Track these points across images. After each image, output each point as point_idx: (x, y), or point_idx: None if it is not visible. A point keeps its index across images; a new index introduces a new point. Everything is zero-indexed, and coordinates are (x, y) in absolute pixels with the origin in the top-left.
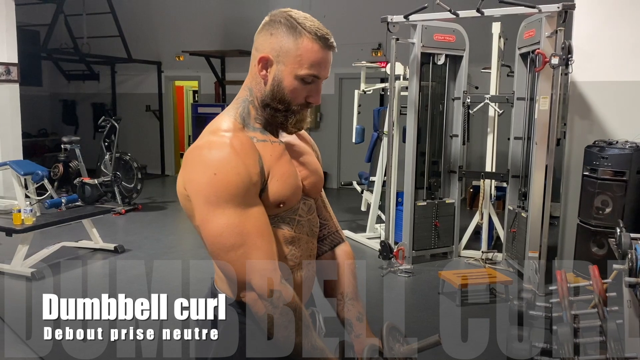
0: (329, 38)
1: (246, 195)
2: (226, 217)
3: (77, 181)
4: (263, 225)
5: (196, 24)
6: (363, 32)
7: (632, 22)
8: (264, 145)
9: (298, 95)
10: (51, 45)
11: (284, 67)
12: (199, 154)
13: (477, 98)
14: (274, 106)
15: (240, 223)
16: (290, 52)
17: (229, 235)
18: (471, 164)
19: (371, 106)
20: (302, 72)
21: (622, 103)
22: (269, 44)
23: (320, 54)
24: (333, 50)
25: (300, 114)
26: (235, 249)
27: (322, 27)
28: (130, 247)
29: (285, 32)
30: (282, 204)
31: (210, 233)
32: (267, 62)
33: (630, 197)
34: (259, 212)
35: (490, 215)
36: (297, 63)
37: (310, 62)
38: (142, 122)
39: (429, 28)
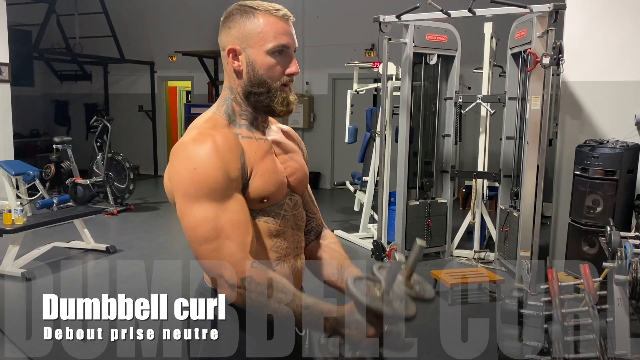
0: (281, 9)
1: (225, 190)
2: (202, 210)
3: (69, 181)
4: (239, 219)
5: (189, 24)
6: (356, 32)
7: (622, 22)
8: (249, 142)
9: (274, 71)
10: (43, 45)
11: (251, 49)
12: (183, 149)
13: (469, 98)
14: (256, 91)
15: (215, 217)
16: (252, 33)
17: (204, 229)
18: (463, 164)
19: (364, 106)
20: (270, 46)
21: (613, 103)
22: (231, 36)
23: (279, 24)
24: (290, 20)
25: (284, 92)
26: (208, 242)
27: (273, 3)
28: (123, 248)
29: (241, 19)
30: (266, 199)
31: (187, 226)
32: (236, 52)
33: (620, 196)
34: (237, 206)
35: (482, 214)
36: (262, 40)
37: (273, 34)
38: (135, 122)
39: (421, 28)
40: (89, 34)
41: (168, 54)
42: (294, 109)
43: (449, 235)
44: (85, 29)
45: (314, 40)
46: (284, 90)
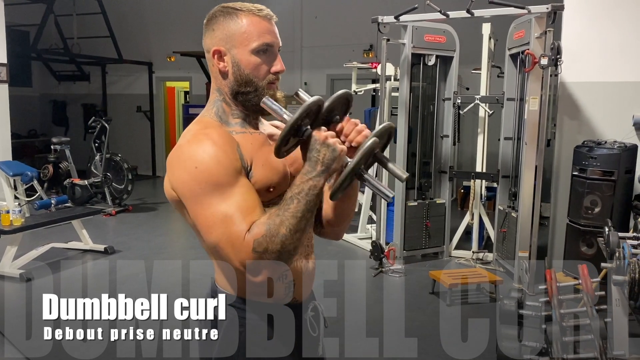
0: (264, 9)
1: (229, 181)
2: (212, 208)
3: (67, 182)
4: (246, 203)
5: (187, 25)
6: (354, 33)
7: (620, 23)
8: (244, 136)
9: (260, 70)
10: (41, 45)
11: (236, 49)
12: (180, 153)
13: (468, 99)
14: (243, 90)
15: (224, 209)
16: (236, 34)
17: (215, 227)
18: (462, 165)
19: (362, 107)
20: (254, 45)
21: (611, 103)
22: (215, 37)
23: (262, 23)
24: (273, 19)
25: (271, 90)
26: (220, 239)
27: (256, 4)
28: (121, 248)
29: (224, 20)
30: (272, 189)
31: (202, 230)
32: (221, 53)
33: (618, 197)
34: (242, 191)
35: (480, 215)
36: (245, 40)
37: (257, 33)
38: (133, 123)
39: (420, 29)
40: (87, 34)
41: (166, 55)
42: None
43: (447, 236)
44: (83, 30)
45: (312, 40)
46: (271, 88)
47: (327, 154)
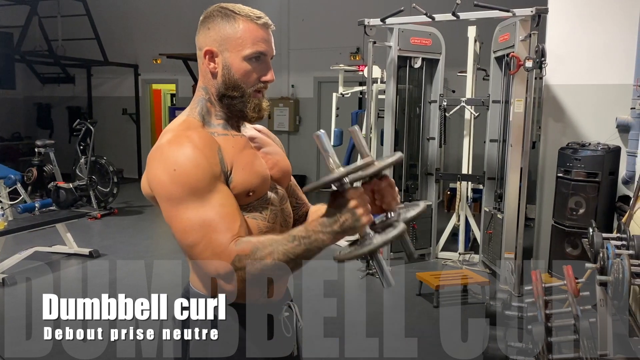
0: (262, 17)
1: (208, 185)
2: (189, 212)
3: (52, 185)
4: (225, 210)
5: (173, 27)
6: (341, 35)
7: (604, 26)
8: (225, 139)
9: (249, 77)
10: (25, 47)
11: (229, 53)
12: (160, 152)
13: (454, 101)
14: (230, 94)
15: (202, 216)
16: (231, 38)
17: (193, 232)
18: (448, 167)
19: (349, 109)
20: (247, 52)
21: (595, 106)
22: (209, 37)
23: (259, 31)
24: (270, 28)
25: (257, 98)
26: (198, 243)
27: (255, 10)
28: (106, 252)
29: (221, 22)
30: (252, 192)
31: (176, 231)
32: (213, 54)
33: (602, 198)
34: (221, 197)
35: (467, 217)
36: (240, 45)
37: (251, 40)
38: (119, 125)
39: (406, 31)
40: (72, 36)
41: (152, 57)
42: (265, 115)
43: (434, 238)
44: (68, 32)
45: (299, 43)
46: (257, 96)
47: (348, 221)
